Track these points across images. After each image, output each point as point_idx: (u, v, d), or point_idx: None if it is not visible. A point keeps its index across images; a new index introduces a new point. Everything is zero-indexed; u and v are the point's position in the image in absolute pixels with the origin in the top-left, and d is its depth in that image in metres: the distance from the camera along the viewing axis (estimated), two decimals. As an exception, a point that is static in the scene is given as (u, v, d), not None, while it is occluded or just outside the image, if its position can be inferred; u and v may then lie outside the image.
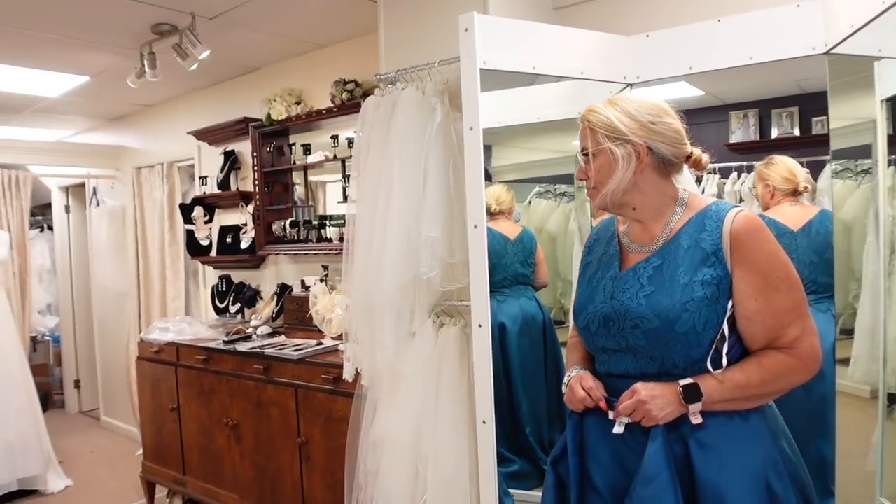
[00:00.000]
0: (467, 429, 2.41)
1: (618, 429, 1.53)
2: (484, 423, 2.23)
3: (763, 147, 3.02)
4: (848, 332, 2.49)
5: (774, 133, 2.97)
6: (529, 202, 3.27)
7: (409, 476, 2.48)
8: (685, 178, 3.01)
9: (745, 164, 3.11)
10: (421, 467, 2.47)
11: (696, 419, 1.46)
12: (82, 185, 6.34)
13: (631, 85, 2.62)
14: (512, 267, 3.04)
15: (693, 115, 3.35)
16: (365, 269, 2.55)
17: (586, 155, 1.60)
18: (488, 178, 3.28)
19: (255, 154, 4.19)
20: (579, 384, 1.59)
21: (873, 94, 2.34)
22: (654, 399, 1.46)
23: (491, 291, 2.88)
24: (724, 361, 1.48)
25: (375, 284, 2.49)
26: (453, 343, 2.47)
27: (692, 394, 1.44)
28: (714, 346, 1.48)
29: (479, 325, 2.20)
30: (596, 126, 1.57)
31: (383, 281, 2.45)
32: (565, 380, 1.67)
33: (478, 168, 2.18)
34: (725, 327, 1.48)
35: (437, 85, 2.57)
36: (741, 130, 3.32)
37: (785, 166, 2.72)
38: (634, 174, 1.54)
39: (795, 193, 2.69)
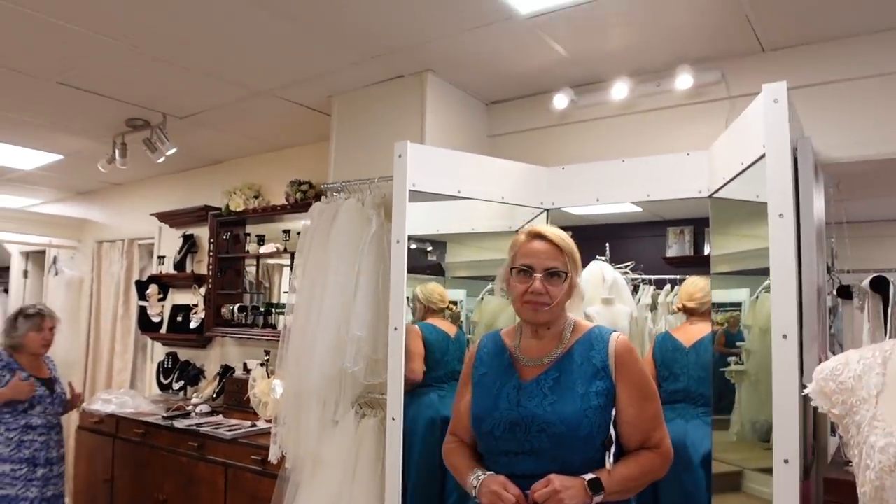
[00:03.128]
0: (379, 514, 2.60)
1: None
2: (391, 508, 2.43)
3: (696, 262, 3.32)
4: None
5: (707, 250, 3.20)
6: (482, 298, 3.44)
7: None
8: (622, 287, 3.34)
9: (678, 277, 3.40)
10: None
11: None
12: (43, 253, 6.47)
13: (548, 210, 2.95)
14: (452, 363, 3.19)
15: (633, 229, 3.70)
16: (297, 357, 2.79)
17: (552, 275, 1.75)
18: (442, 273, 3.54)
19: (211, 240, 4.46)
20: (504, 488, 1.67)
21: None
22: (566, 489, 1.65)
23: (431, 385, 3.15)
24: (612, 460, 1.72)
25: (305, 373, 2.72)
26: (372, 433, 2.69)
27: (596, 486, 1.67)
28: (604, 449, 1.73)
29: (393, 419, 2.43)
30: (566, 250, 1.78)
31: (312, 370, 2.69)
32: (474, 483, 1.74)
33: (401, 276, 2.47)
34: (612, 431, 1.74)
35: (375, 198, 2.89)
36: (677, 245, 3.63)
37: (693, 286, 3.00)
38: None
39: (697, 312, 2.97)
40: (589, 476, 1.68)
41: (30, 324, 3.53)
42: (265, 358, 3.98)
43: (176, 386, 4.72)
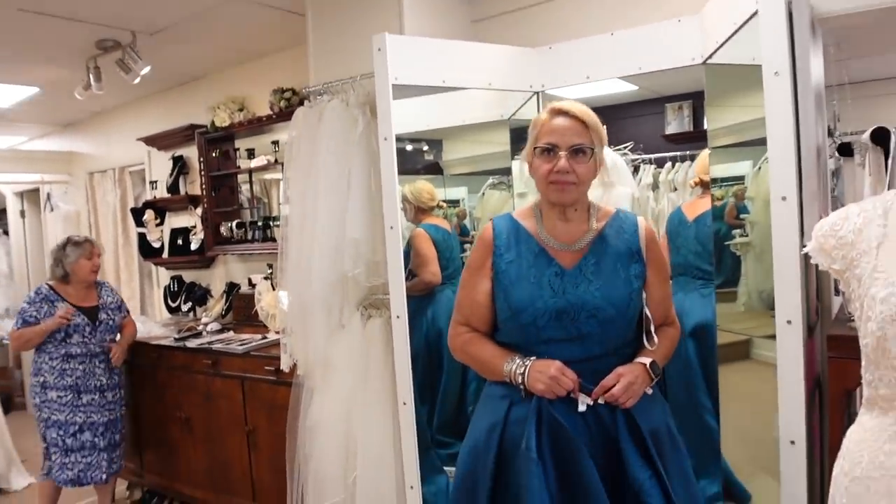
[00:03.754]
0: (393, 411, 2.64)
1: (582, 407, 1.69)
2: (405, 404, 2.48)
3: (697, 137, 3.25)
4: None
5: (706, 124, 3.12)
6: (483, 194, 3.39)
7: (340, 456, 2.72)
8: (622, 169, 3.30)
9: (678, 154, 3.36)
10: (351, 447, 2.71)
11: (650, 390, 1.75)
12: (37, 191, 6.43)
13: (538, 93, 2.87)
14: (458, 260, 3.18)
15: (630, 109, 3.63)
16: (297, 267, 2.79)
17: (577, 151, 1.69)
18: (440, 171, 3.48)
19: (201, 159, 4.38)
20: (562, 373, 1.65)
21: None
22: (637, 379, 1.68)
23: (445, 283, 3.14)
24: (655, 339, 1.76)
25: (306, 282, 2.72)
26: (379, 333, 2.71)
27: (655, 368, 1.73)
28: (643, 327, 1.78)
29: (398, 317, 2.44)
30: (591, 126, 1.71)
31: (313, 278, 2.69)
32: (519, 369, 1.69)
33: (392, 174, 2.42)
34: (647, 310, 1.77)
35: (360, 97, 2.80)
36: (676, 122, 3.55)
37: (699, 161, 2.95)
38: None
39: (704, 185, 2.94)
40: (646, 360, 1.73)
41: (80, 251, 3.62)
42: (269, 271, 3.99)
43: (185, 308, 4.77)
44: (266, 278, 3.96)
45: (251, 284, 4.20)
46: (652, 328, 1.76)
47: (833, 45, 3.05)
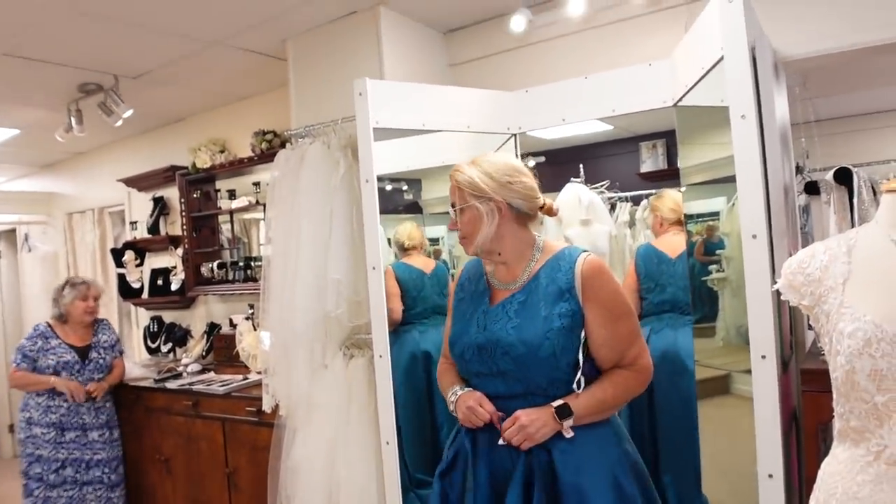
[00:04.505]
0: (376, 451, 2.64)
1: (501, 441, 1.74)
2: (388, 443, 2.48)
3: (671, 175, 3.32)
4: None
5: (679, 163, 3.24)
6: None
7: (322, 497, 2.71)
8: (599, 207, 3.36)
9: (654, 191, 3.42)
10: (333, 489, 2.70)
11: (569, 434, 1.72)
12: (14, 231, 6.38)
13: (515, 135, 2.94)
14: (430, 299, 3.25)
15: (606, 148, 3.71)
16: (279, 307, 2.80)
17: (459, 210, 1.79)
18: (419, 210, 3.53)
19: (182, 200, 4.40)
20: (479, 405, 1.75)
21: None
22: (532, 423, 1.69)
23: (412, 322, 3.20)
24: (583, 382, 1.74)
25: (288, 322, 2.74)
26: (362, 373, 2.73)
27: (564, 412, 1.71)
28: (573, 370, 1.75)
29: (381, 356, 2.46)
30: (462, 185, 1.79)
31: (295, 318, 2.70)
32: (452, 398, 1.82)
33: (374, 215, 2.45)
34: (580, 354, 1.75)
35: (341, 140, 2.85)
36: (651, 160, 3.63)
37: (672, 199, 3.03)
38: (497, 227, 1.79)
39: (680, 223, 3.00)
40: (556, 403, 1.70)
41: (75, 292, 3.76)
42: (250, 312, 3.98)
43: (164, 348, 4.73)
44: (247, 318, 3.95)
45: (232, 325, 4.19)
46: (580, 371, 1.73)
47: (798, 86, 3.18)
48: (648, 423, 2.89)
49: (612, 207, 3.55)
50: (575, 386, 1.73)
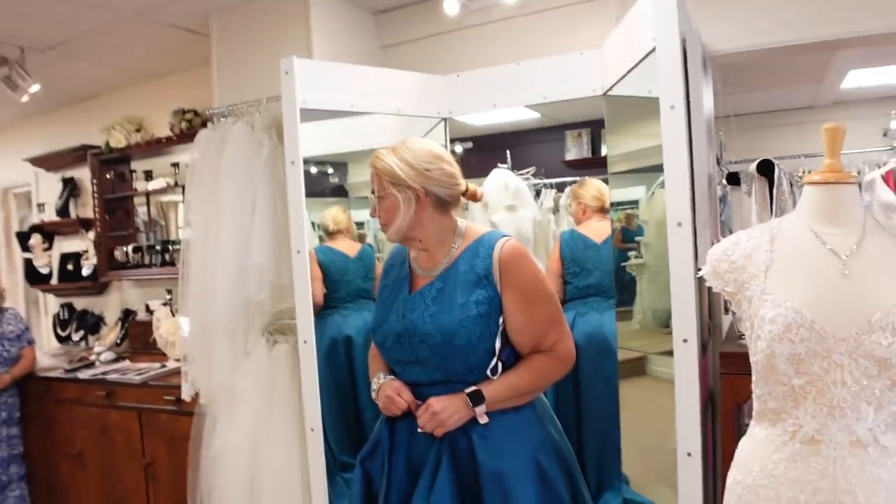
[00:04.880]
0: (299, 438, 2.59)
1: (420, 428, 1.73)
2: (312, 430, 2.44)
3: (595, 164, 3.39)
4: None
5: (605, 151, 3.20)
6: None
7: (245, 487, 2.64)
8: (524, 193, 3.39)
9: (578, 179, 3.47)
10: (256, 478, 2.63)
11: (483, 419, 1.72)
12: None
13: (445, 119, 2.92)
14: (354, 283, 3.22)
15: (533, 135, 3.75)
16: (199, 292, 2.70)
17: (379, 197, 1.77)
18: (345, 194, 3.48)
19: (94, 181, 4.20)
20: (397, 394, 1.75)
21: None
22: (444, 409, 1.69)
23: (335, 307, 3.15)
24: (500, 369, 1.75)
25: (209, 307, 2.64)
26: (285, 359, 2.66)
27: (476, 398, 1.70)
28: (491, 357, 1.75)
29: (305, 342, 2.41)
30: (381, 173, 1.76)
31: (216, 303, 2.61)
32: (374, 386, 1.82)
33: (299, 198, 2.40)
34: (498, 341, 1.74)
35: (266, 120, 2.77)
36: (576, 148, 3.69)
37: (595, 187, 3.10)
38: (416, 213, 1.77)
39: (603, 210, 3.07)
40: (469, 389, 1.70)
41: None
42: (168, 297, 3.84)
43: (76, 337, 4.51)
44: (165, 304, 3.81)
45: (149, 311, 4.03)
46: (497, 357, 1.74)
47: (720, 81, 3.28)
48: (574, 405, 2.94)
49: (537, 194, 3.61)
50: (489, 372, 1.73)
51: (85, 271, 4.39)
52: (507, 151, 3.48)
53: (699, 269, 1.63)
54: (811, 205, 1.50)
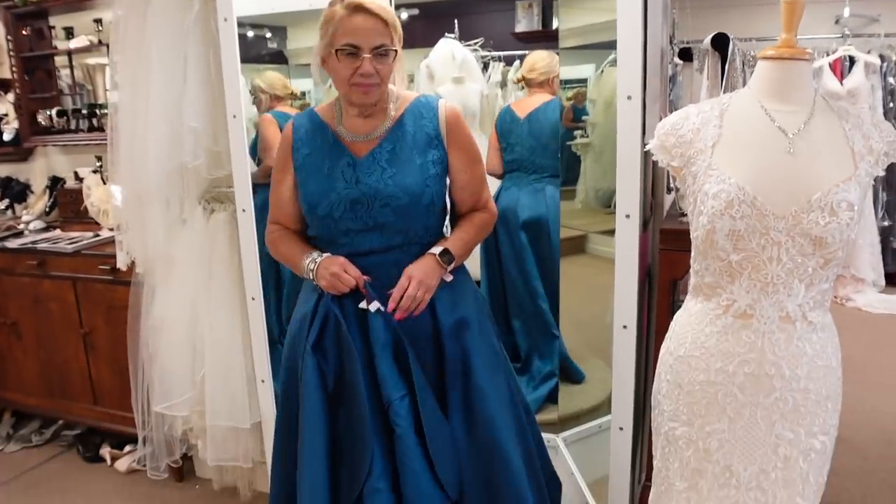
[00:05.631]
0: (240, 307, 2.58)
1: (372, 308, 1.70)
2: (253, 299, 2.43)
3: (545, 37, 3.28)
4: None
5: (556, 24, 3.14)
6: (330, 86, 3.31)
7: (186, 354, 2.64)
8: (472, 65, 3.29)
9: (527, 52, 3.37)
10: (198, 345, 2.63)
11: (449, 277, 1.77)
12: None
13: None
14: None
15: (482, 4, 3.58)
16: (130, 158, 2.58)
17: (380, 53, 1.63)
18: (285, 60, 3.29)
19: (9, 38, 3.86)
20: (344, 270, 1.68)
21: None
22: (426, 275, 1.70)
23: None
24: (449, 227, 1.82)
25: (142, 173, 2.53)
26: (223, 228, 2.59)
27: (447, 257, 1.73)
28: (444, 216, 1.81)
29: (244, 210, 2.36)
30: (393, 26, 1.64)
31: (148, 170, 2.50)
32: (310, 265, 1.73)
33: (234, 59, 2.27)
34: (447, 198, 1.81)
35: (194, -28, 2.55)
36: (526, 20, 3.56)
37: (534, 58, 3.01)
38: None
39: (547, 84, 2.97)
40: (437, 249, 1.74)
41: None
42: (98, 164, 3.66)
43: (1, 205, 4.30)
44: (95, 171, 3.64)
45: (78, 178, 3.86)
46: (448, 215, 1.83)
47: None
48: (498, 272, 3.06)
49: (485, 66, 3.50)
50: (446, 230, 1.80)
51: (6, 136, 4.13)
52: (455, 21, 3.31)
53: (646, 144, 1.62)
54: (763, 80, 1.47)
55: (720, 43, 2.43)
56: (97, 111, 3.76)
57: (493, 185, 3.02)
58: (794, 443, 1.44)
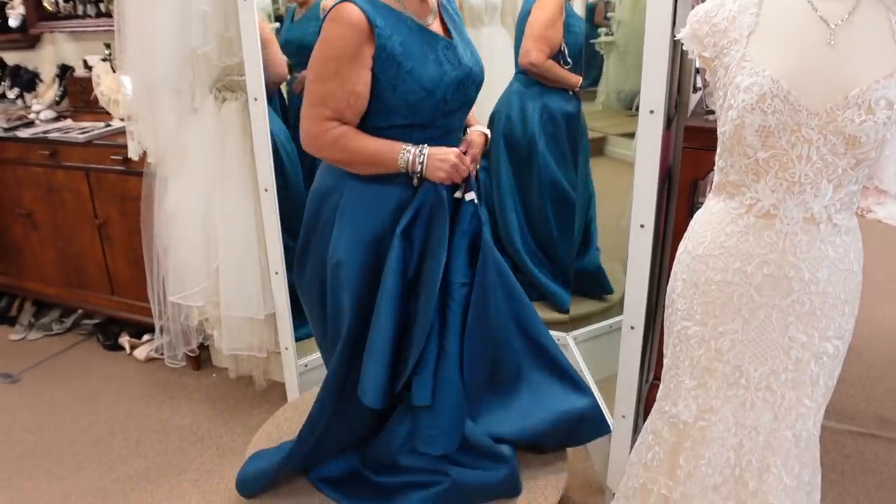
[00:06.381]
0: (254, 198, 2.56)
1: (469, 197, 1.82)
2: (266, 190, 2.40)
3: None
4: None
5: None
6: None
7: (200, 245, 2.65)
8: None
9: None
10: (212, 236, 2.63)
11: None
12: None
13: None
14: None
15: None
16: (138, 46, 2.50)
17: None
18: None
19: (11, -85, 3.69)
20: (461, 160, 1.75)
21: None
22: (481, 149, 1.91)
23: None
24: None
25: (150, 61, 2.46)
26: (236, 117, 2.53)
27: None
28: None
29: (255, 99, 2.29)
30: None
31: (157, 58, 2.42)
32: (419, 157, 1.71)
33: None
34: None
35: None
36: None
37: None
38: None
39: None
40: (482, 128, 1.94)
41: None
42: (107, 52, 3.57)
43: (11, 94, 4.22)
44: (104, 60, 3.55)
45: (87, 67, 3.77)
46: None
47: None
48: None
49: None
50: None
51: (12, 22, 4.00)
52: None
53: (676, 34, 1.53)
54: (808, -33, 1.36)
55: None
56: (104, -4, 3.62)
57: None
58: (808, 346, 1.43)
